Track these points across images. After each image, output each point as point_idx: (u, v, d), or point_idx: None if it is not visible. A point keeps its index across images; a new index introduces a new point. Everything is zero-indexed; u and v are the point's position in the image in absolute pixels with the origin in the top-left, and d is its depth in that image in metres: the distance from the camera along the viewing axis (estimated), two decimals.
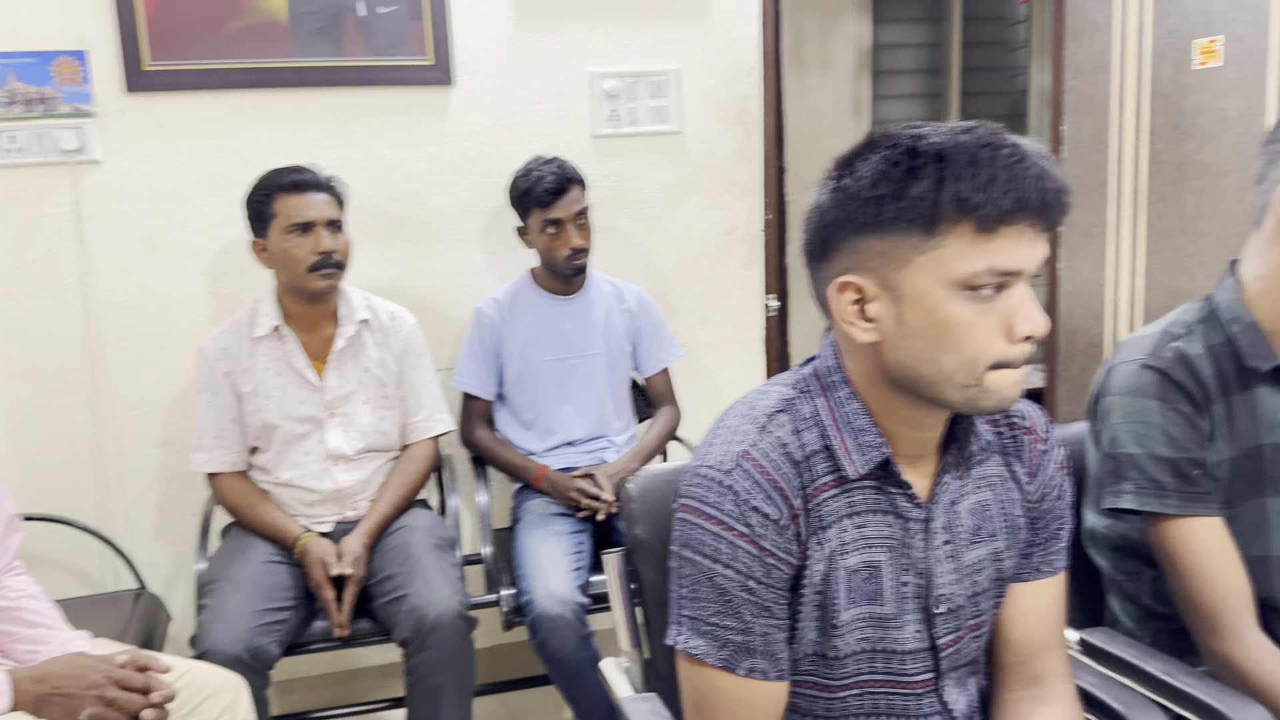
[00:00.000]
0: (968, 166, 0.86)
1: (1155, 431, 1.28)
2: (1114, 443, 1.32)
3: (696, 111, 2.67)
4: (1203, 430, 1.28)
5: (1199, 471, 1.27)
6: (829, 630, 1.01)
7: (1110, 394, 1.33)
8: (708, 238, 2.72)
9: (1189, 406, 1.28)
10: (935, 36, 5.06)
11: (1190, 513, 1.27)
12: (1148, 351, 1.31)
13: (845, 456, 0.99)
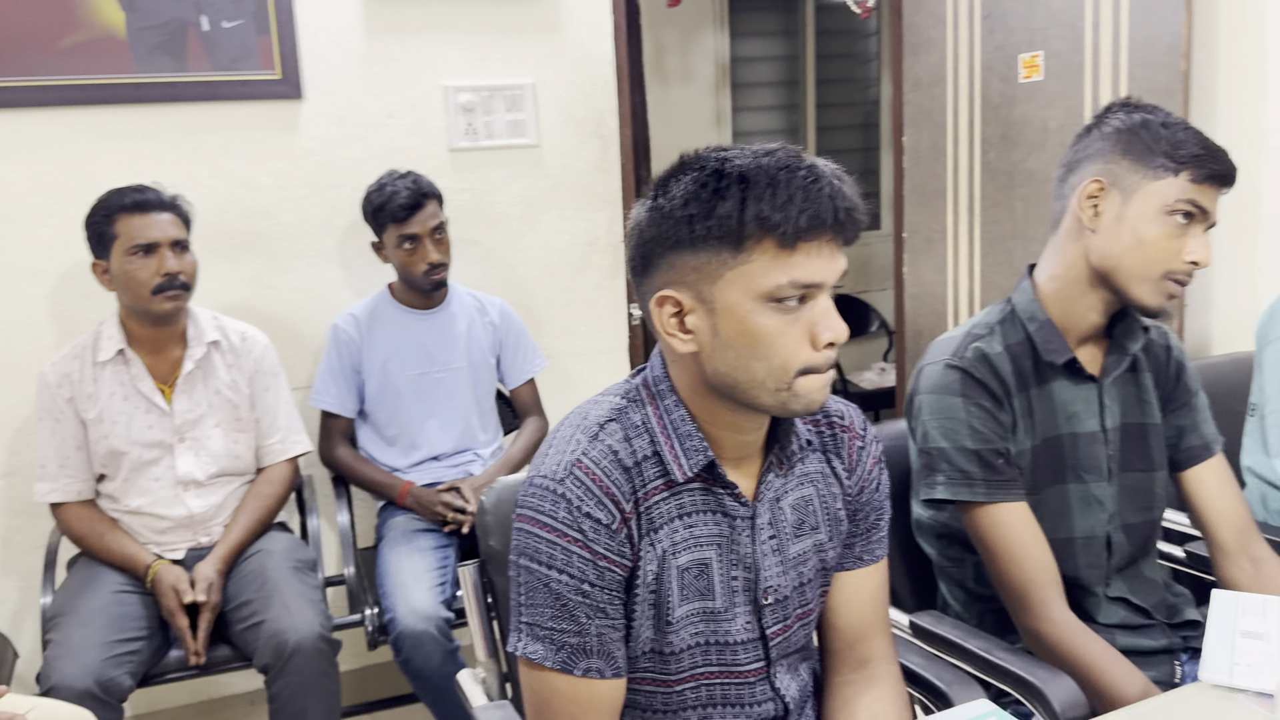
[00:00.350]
0: (768, 188, 0.93)
1: (961, 426, 1.37)
2: (925, 438, 1.41)
3: (554, 125, 2.71)
4: (1004, 423, 1.38)
5: (1003, 461, 1.37)
6: (664, 627, 1.05)
7: (920, 393, 1.43)
8: (569, 249, 2.76)
9: (990, 401, 1.37)
10: (790, 50, 5.23)
11: (996, 499, 1.36)
12: (951, 352, 1.41)
13: (673, 461, 1.04)
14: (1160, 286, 1.33)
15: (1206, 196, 1.31)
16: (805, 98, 5.26)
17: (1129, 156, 1.33)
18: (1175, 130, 1.32)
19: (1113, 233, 1.34)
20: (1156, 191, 1.31)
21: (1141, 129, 1.33)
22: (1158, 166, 1.31)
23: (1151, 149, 1.31)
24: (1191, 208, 1.30)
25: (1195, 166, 1.30)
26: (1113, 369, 1.44)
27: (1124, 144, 1.34)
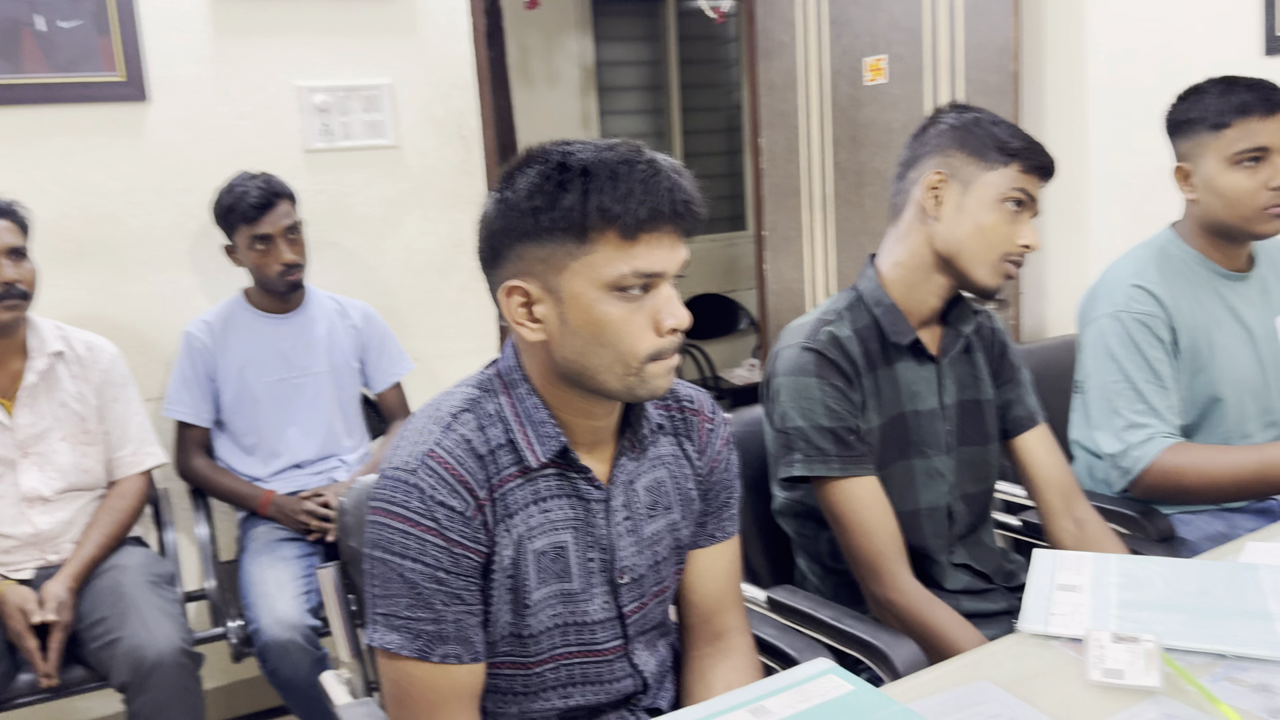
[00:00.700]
0: (609, 180, 0.96)
1: (817, 405, 1.44)
2: (784, 419, 1.47)
3: (413, 126, 2.70)
4: (855, 401, 1.46)
5: (855, 437, 1.45)
6: (522, 610, 1.08)
7: (777, 376, 1.49)
8: (434, 251, 2.74)
9: (842, 381, 1.45)
10: (655, 54, 5.32)
11: (849, 474, 1.44)
12: (805, 336, 1.48)
13: (527, 448, 1.07)
14: (998, 268, 1.43)
15: (1033, 187, 1.43)
16: (670, 102, 5.36)
17: (965, 150, 1.44)
18: (1002, 127, 1.44)
19: (954, 220, 1.44)
20: (991, 181, 1.41)
21: (974, 126, 1.44)
22: (991, 159, 1.41)
23: (985, 143, 1.42)
24: (1022, 195, 1.42)
25: (1023, 158, 1.41)
26: (950, 349, 1.54)
27: (960, 139, 1.44)
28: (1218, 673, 0.99)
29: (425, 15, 2.67)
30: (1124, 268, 1.77)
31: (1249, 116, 1.66)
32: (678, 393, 1.23)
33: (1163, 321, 1.70)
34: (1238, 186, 1.67)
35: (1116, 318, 1.71)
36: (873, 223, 2.99)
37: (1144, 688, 0.96)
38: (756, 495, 1.68)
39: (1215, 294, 1.76)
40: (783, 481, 1.54)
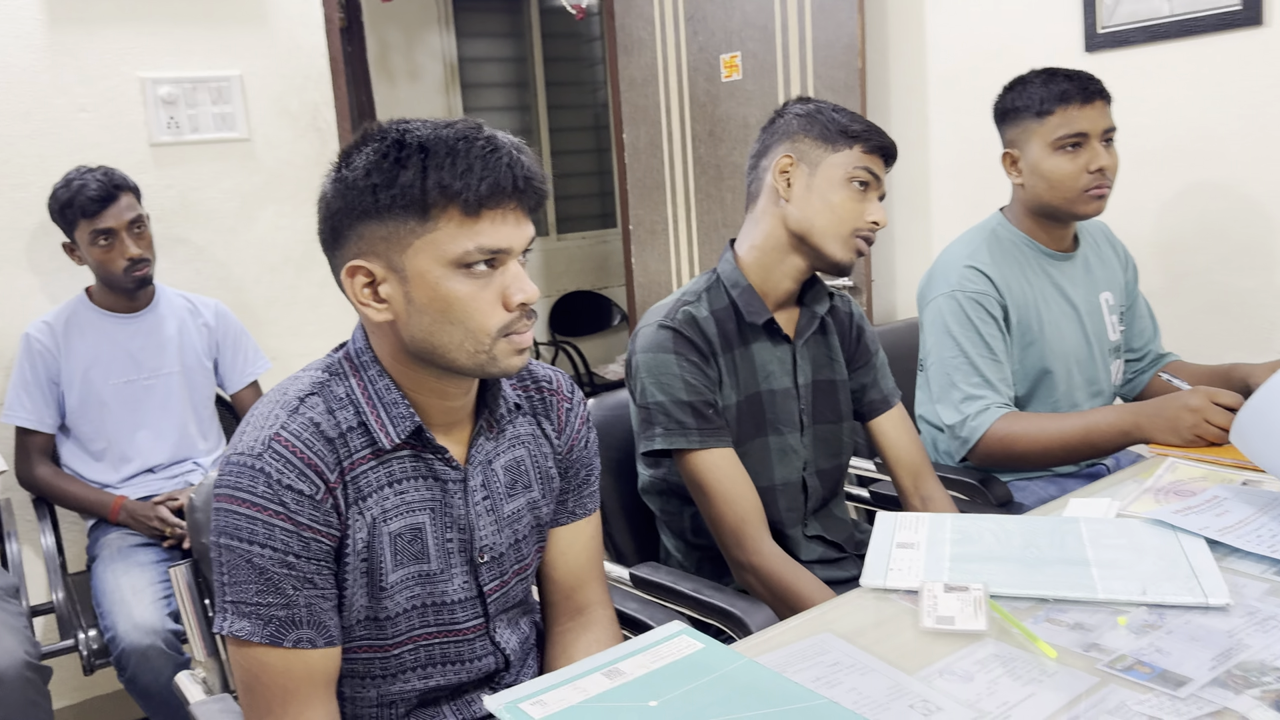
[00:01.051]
0: (447, 157, 0.97)
1: (675, 380, 1.48)
2: (644, 394, 1.51)
3: (266, 118, 2.63)
4: (712, 377, 1.51)
5: (713, 411, 1.49)
6: (378, 593, 1.07)
7: (636, 353, 1.53)
8: (291, 246, 2.68)
9: (698, 357, 1.49)
10: (519, 51, 5.31)
11: (708, 445, 1.48)
12: (663, 315, 1.52)
13: (379, 429, 1.06)
14: (849, 243, 1.50)
15: (877, 167, 1.51)
16: (536, 99, 5.36)
17: (811, 135, 1.50)
18: (844, 114, 1.52)
19: (805, 200, 1.50)
20: (837, 162, 1.49)
21: (818, 114, 1.52)
22: (836, 141, 1.49)
23: (829, 127, 1.50)
24: (867, 175, 1.49)
25: (865, 140, 1.49)
26: (805, 330, 1.60)
27: (806, 125, 1.51)
28: (1039, 615, 1.06)
29: (276, 5, 2.61)
30: (958, 250, 1.88)
31: (1069, 105, 1.78)
32: (535, 373, 1.24)
33: (995, 299, 1.81)
34: (1060, 170, 1.79)
35: (952, 297, 1.81)
36: (733, 216, 3.06)
37: (972, 631, 1.03)
38: (622, 477, 1.71)
39: (1043, 273, 1.89)
40: (645, 457, 1.58)
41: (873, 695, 0.93)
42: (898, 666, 0.98)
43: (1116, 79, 2.18)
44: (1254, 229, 2.24)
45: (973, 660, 0.98)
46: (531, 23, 5.26)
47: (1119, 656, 0.97)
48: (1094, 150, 1.78)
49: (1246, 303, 2.28)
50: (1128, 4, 2.36)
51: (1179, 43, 2.29)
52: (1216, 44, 2.24)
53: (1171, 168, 2.35)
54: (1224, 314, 2.32)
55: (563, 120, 5.49)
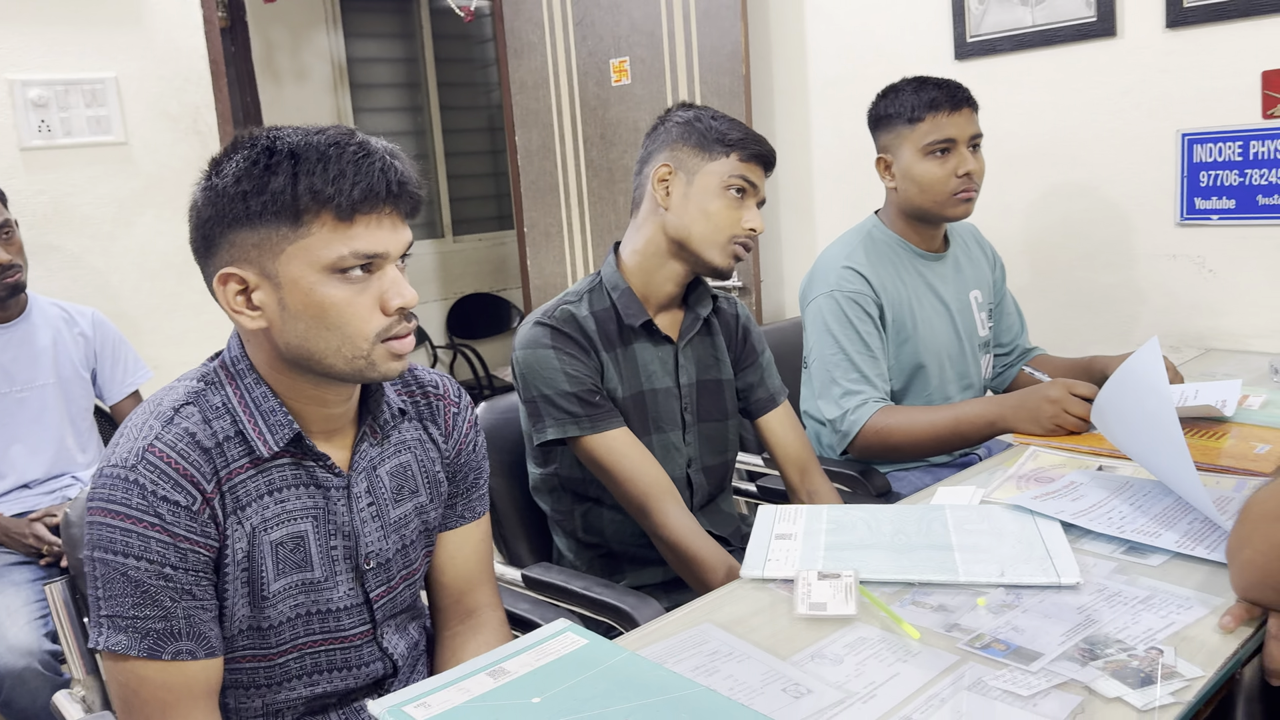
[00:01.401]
0: (318, 163, 0.98)
1: (556, 373, 1.51)
2: (527, 390, 1.53)
3: (143, 121, 2.56)
4: (593, 367, 1.54)
5: (599, 397, 1.52)
6: (260, 602, 1.07)
7: (517, 350, 1.55)
8: (171, 252, 2.61)
9: (577, 350, 1.53)
10: (409, 52, 5.26)
11: (600, 428, 1.51)
12: (542, 313, 1.55)
13: (257, 438, 1.06)
14: (727, 249, 1.55)
15: (754, 174, 1.55)
16: (428, 100, 5.31)
17: (689, 144, 1.54)
18: (723, 122, 1.56)
19: (683, 208, 1.54)
20: (714, 170, 1.52)
21: (696, 121, 1.55)
22: (712, 150, 1.53)
23: (706, 136, 1.54)
24: (743, 183, 1.53)
25: (741, 148, 1.53)
26: (688, 332, 1.64)
27: (684, 134, 1.55)
28: (906, 599, 1.12)
29: (152, 6, 2.54)
30: (836, 251, 1.95)
31: (938, 112, 1.87)
32: (421, 378, 1.25)
33: (871, 299, 1.88)
34: (930, 174, 1.87)
35: (831, 296, 1.87)
36: (626, 218, 3.10)
37: (843, 616, 1.08)
38: (515, 479, 1.72)
39: (916, 273, 1.97)
40: (536, 454, 1.59)
41: (748, 681, 0.97)
42: (773, 652, 1.02)
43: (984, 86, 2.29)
44: (1113, 228, 2.38)
45: (843, 644, 1.03)
46: (422, 24, 5.21)
47: (977, 635, 1.03)
48: (962, 155, 1.87)
49: (1107, 298, 2.42)
50: (994, 14, 2.48)
51: (1041, 51, 2.42)
52: (1075, 53, 2.37)
53: (1036, 171, 2.48)
54: (1086, 309, 2.45)
55: (456, 122, 5.45)
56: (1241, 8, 2.10)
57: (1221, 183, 2.21)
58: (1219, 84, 2.16)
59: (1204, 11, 2.15)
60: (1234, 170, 2.19)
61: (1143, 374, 1.29)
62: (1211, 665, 0.94)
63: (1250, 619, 1.01)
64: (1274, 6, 2.05)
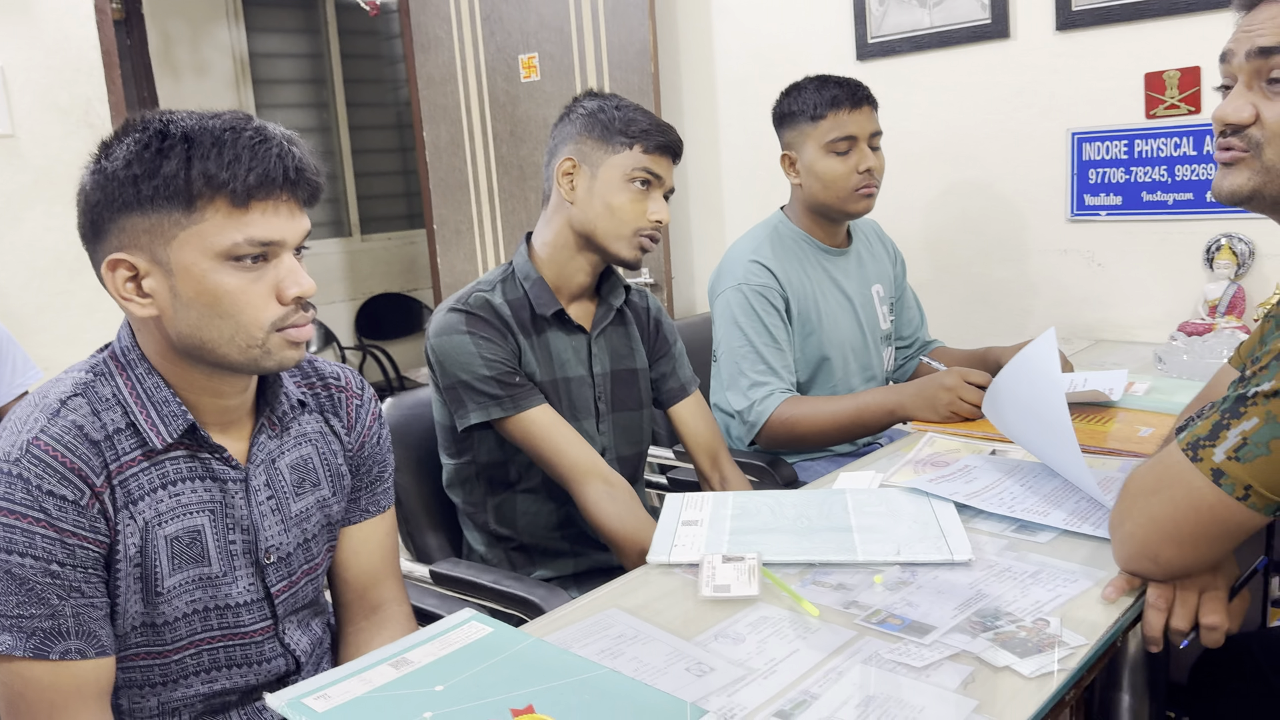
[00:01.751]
0: (213, 147, 0.95)
1: (473, 358, 1.50)
2: (445, 376, 1.52)
3: (32, 113, 2.46)
4: (510, 351, 1.53)
5: (518, 377, 1.52)
6: (154, 599, 1.04)
7: (432, 338, 1.54)
8: (63, 249, 2.52)
9: (493, 333, 1.52)
10: (314, 48, 5.16)
11: (522, 407, 1.50)
12: (456, 300, 1.54)
13: (150, 429, 1.03)
14: (633, 241, 1.55)
15: (659, 165, 1.55)
16: (334, 96, 5.22)
17: (592, 137, 1.54)
18: (627, 111, 1.55)
19: (588, 202, 1.54)
20: (617, 164, 1.53)
21: (600, 113, 1.55)
22: (616, 143, 1.53)
23: (609, 128, 1.53)
24: (648, 175, 1.54)
25: (645, 140, 1.53)
26: (600, 322, 1.64)
27: (588, 126, 1.55)
28: (807, 579, 1.15)
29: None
30: (743, 246, 1.98)
31: (839, 110, 1.91)
32: (321, 370, 1.23)
33: (777, 292, 1.92)
34: (832, 171, 1.92)
35: (739, 290, 1.90)
36: (538, 214, 3.08)
37: (746, 597, 1.10)
38: (423, 475, 1.71)
39: (820, 267, 2.01)
40: (454, 441, 1.58)
41: (652, 662, 0.98)
42: (678, 634, 1.03)
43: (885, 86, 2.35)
44: (1007, 225, 2.47)
45: (745, 623, 1.05)
46: (327, 18, 5.12)
47: (874, 611, 1.06)
48: (862, 152, 1.92)
49: (1002, 292, 2.50)
50: (894, 16, 2.54)
51: (939, 52, 2.49)
52: (971, 54, 2.45)
53: (935, 169, 2.55)
54: (982, 303, 2.54)
55: (363, 118, 5.36)
56: (1126, 12, 2.19)
57: (1109, 180, 2.31)
58: (1106, 85, 2.26)
59: (1091, 15, 2.24)
60: (1120, 168, 2.29)
61: (1037, 362, 1.34)
62: (1095, 634, 0.98)
63: (1131, 590, 1.06)
64: (1156, 11, 2.15)
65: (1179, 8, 2.12)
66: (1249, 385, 0.95)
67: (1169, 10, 2.13)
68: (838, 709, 0.88)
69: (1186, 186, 2.20)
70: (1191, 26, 2.10)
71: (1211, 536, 0.99)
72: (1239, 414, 0.95)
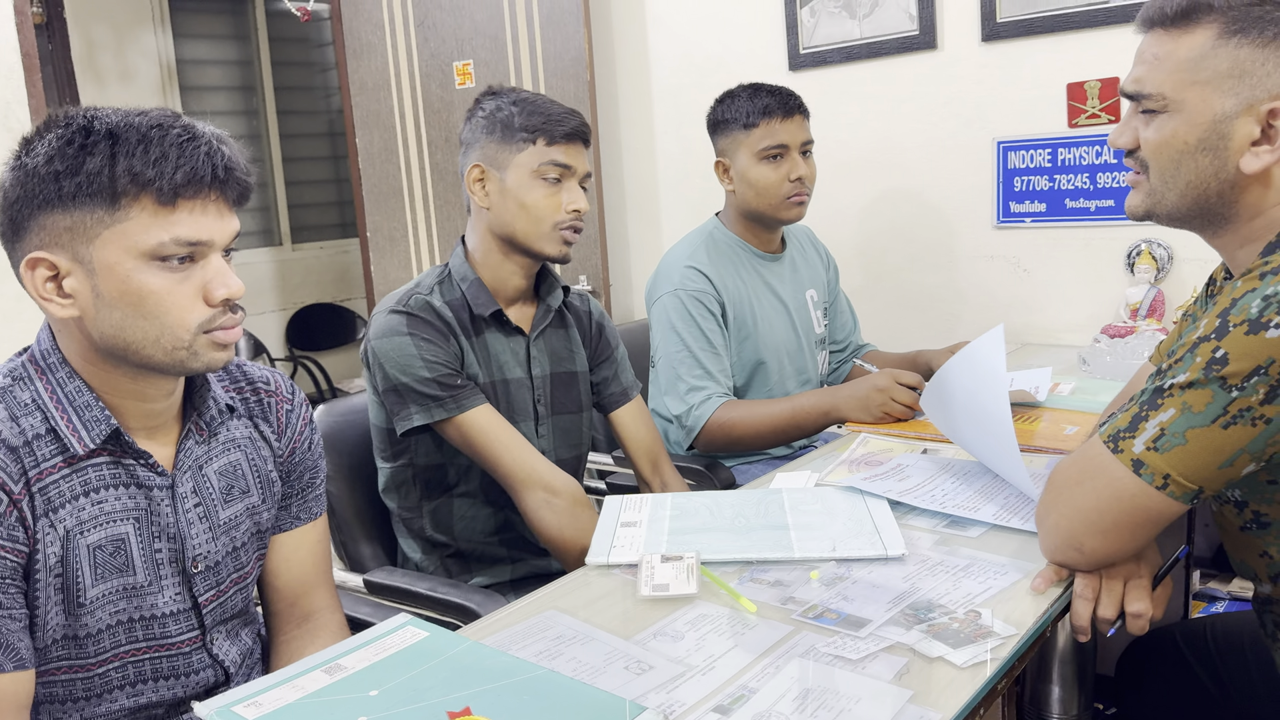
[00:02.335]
0: (139, 144, 0.93)
1: (414, 360, 1.48)
2: (386, 379, 1.49)
3: None
4: (452, 353, 1.51)
5: (459, 379, 1.50)
6: (76, 610, 1.01)
7: (371, 340, 1.51)
8: None
9: (435, 335, 1.50)
10: (244, 54, 5.07)
11: (465, 408, 1.48)
12: (396, 301, 1.52)
13: (71, 435, 1.00)
14: (555, 237, 1.53)
15: (568, 155, 1.52)
16: (264, 103, 5.14)
17: (494, 139, 1.52)
18: (525, 105, 1.51)
19: (502, 205, 1.52)
20: (523, 162, 1.51)
21: (498, 112, 1.52)
22: (518, 140, 1.50)
23: (509, 127, 1.50)
24: (556, 167, 1.51)
25: (546, 132, 1.50)
26: (539, 324, 1.63)
27: (488, 129, 1.52)
28: (745, 576, 1.15)
29: None
30: (679, 252, 1.99)
31: (772, 118, 1.93)
32: (250, 374, 1.21)
33: (713, 297, 1.93)
34: (765, 178, 1.94)
35: (675, 295, 1.91)
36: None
37: (685, 595, 1.10)
38: (356, 483, 1.68)
39: (755, 272, 2.03)
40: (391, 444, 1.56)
41: (591, 662, 0.97)
42: (617, 634, 1.03)
43: (817, 96, 2.39)
44: (936, 232, 2.52)
45: (684, 621, 1.05)
46: (257, 25, 5.03)
47: (811, 606, 1.07)
48: (794, 160, 1.94)
49: (932, 297, 2.55)
50: (825, 27, 2.58)
51: (869, 63, 2.54)
52: (900, 65, 2.50)
53: (866, 177, 2.60)
54: (913, 308, 2.58)
55: (294, 126, 5.28)
56: (1048, 24, 2.26)
57: (1033, 188, 2.37)
58: (1030, 94, 2.32)
59: (1015, 26, 2.31)
60: (1044, 175, 2.35)
61: (983, 358, 1.36)
62: (1025, 624, 1.00)
63: (1059, 580, 1.08)
64: (1077, 23, 2.22)
65: (1098, 20, 2.19)
66: (1165, 378, 0.98)
67: (1089, 22, 2.20)
68: (775, 702, 0.88)
69: (1108, 194, 2.27)
70: (1111, 38, 2.17)
71: (1134, 525, 1.02)
72: (1156, 405, 0.98)
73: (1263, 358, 0.91)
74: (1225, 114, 1.02)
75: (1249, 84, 1.01)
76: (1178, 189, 1.06)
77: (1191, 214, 1.08)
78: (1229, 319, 0.94)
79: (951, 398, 1.44)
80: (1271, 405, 0.92)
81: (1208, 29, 1.02)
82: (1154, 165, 1.07)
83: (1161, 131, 1.05)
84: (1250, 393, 0.92)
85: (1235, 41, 1.01)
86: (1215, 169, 1.04)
